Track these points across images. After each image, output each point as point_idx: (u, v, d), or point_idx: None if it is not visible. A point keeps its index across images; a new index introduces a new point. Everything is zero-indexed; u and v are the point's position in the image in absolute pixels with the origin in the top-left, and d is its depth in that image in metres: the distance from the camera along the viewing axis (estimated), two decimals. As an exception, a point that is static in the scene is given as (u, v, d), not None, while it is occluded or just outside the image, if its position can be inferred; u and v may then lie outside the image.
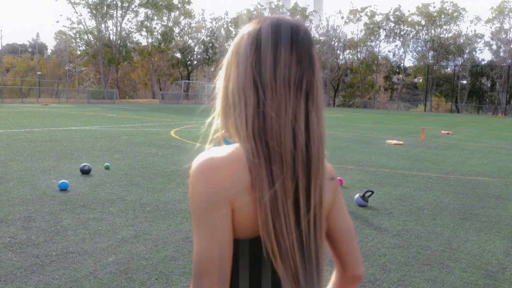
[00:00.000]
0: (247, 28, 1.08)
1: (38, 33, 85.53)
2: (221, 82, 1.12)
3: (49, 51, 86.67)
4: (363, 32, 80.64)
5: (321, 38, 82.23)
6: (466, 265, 4.44)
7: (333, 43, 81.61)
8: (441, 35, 75.83)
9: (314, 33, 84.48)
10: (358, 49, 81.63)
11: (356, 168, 10.13)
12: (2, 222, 5.12)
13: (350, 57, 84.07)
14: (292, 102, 1.01)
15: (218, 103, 1.13)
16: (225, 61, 1.12)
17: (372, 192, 6.76)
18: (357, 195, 6.71)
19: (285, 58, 1.01)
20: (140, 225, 5.27)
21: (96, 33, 64.49)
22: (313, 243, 1.05)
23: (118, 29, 66.05)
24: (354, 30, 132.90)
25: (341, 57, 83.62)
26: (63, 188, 6.79)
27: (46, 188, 6.86)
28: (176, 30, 75.88)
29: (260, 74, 1.02)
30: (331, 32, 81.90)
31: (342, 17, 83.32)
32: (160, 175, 8.34)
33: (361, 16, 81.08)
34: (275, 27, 1.04)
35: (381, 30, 79.48)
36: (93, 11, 63.18)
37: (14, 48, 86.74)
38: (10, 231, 4.83)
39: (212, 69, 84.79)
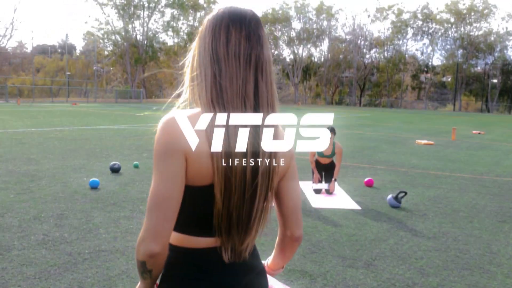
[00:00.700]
0: (209, 16, 1.31)
1: (67, 34, 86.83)
2: (189, 61, 1.32)
3: (77, 51, 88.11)
4: (390, 30, 79.60)
5: (347, 36, 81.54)
6: (508, 270, 4.26)
7: (359, 41, 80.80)
8: (471, 33, 74.25)
9: (340, 32, 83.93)
10: (385, 48, 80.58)
11: (387, 168, 9.93)
12: (35, 220, 5.15)
13: (377, 55, 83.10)
14: (242, 73, 1.22)
15: (186, 78, 1.32)
16: (193, 44, 1.33)
17: (405, 193, 6.60)
18: (389, 196, 6.55)
19: (236, 36, 1.23)
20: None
21: (123, 33, 65.30)
22: (259, 198, 1.26)
23: (145, 29, 66.76)
24: (380, 28, 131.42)
25: (367, 56, 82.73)
26: (94, 186, 6.82)
27: (77, 186, 6.90)
28: (202, 30, 76.23)
29: (216, 50, 1.23)
30: (357, 30, 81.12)
31: (369, 15, 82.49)
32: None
33: (388, 14, 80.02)
34: (228, 13, 1.26)
35: (409, 28, 78.30)
36: (121, 11, 64.00)
37: (44, 49, 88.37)
38: (43, 229, 4.85)
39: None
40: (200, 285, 1.29)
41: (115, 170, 8.02)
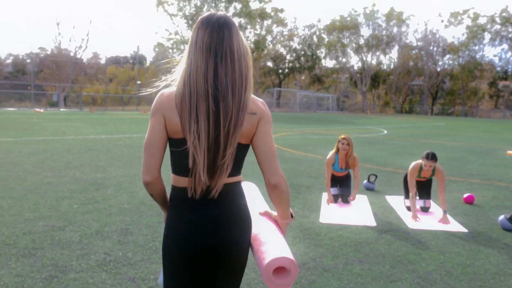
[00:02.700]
0: None
1: (138, 46, 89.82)
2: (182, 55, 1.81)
3: (148, 62, 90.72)
4: (465, 35, 75.91)
5: (418, 43, 78.62)
6: None
7: (431, 48, 77.64)
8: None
9: (411, 38, 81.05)
10: (459, 54, 76.88)
11: (483, 182, 8.78)
12: (98, 234, 4.63)
13: (450, 62, 79.46)
14: (204, 61, 1.67)
15: (178, 66, 1.80)
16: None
17: (521, 213, 5.55)
18: (502, 217, 5.53)
19: (201, 34, 1.70)
20: (247, 245, 4.55)
21: (192, 43, 66.17)
22: (222, 149, 1.68)
23: (213, 38, 67.43)
24: (455, 34, 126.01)
25: (439, 63, 79.32)
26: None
27: (143, 197, 6.39)
28: (269, 38, 76.21)
29: (190, 47, 1.73)
30: (430, 36, 78.01)
31: (442, 20, 79.11)
32: (261, 186, 7.64)
33: (462, 19, 76.45)
34: (201, 18, 1.74)
35: (486, 33, 74.30)
36: (189, 21, 65.01)
37: (117, 60, 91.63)
38: (105, 246, 4.30)
39: (303, 77, 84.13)
40: (176, 213, 1.77)
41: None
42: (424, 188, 6.38)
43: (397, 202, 6.77)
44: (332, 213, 6.04)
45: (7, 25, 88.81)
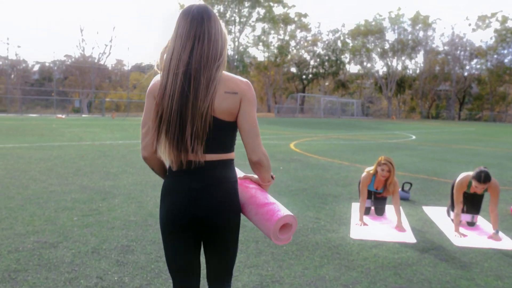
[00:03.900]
0: None
1: (162, 53, 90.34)
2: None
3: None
4: (493, 39, 73.84)
5: (445, 47, 76.87)
6: None
7: (458, 52, 75.80)
8: None
9: (437, 42, 79.38)
10: (487, 58, 74.83)
11: (530, 191, 7.93)
12: (94, 253, 4.00)
13: (478, 66, 77.39)
14: (182, 45, 1.82)
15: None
16: None
17: None
18: None
19: (181, 22, 1.86)
20: (266, 267, 3.86)
21: (215, 48, 65.88)
22: (197, 127, 1.81)
23: (236, 44, 67.05)
24: (482, 38, 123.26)
25: (467, 67, 77.34)
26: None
27: (152, 207, 5.76)
28: (292, 43, 75.46)
29: (173, 35, 1.88)
30: (456, 40, 76.18)
31: (469, 24, 77.23)
32: (285, 194, 6.95)
33: (490, 22, 74.41)
34: (184, 9, 1.89)
35: (515, 36, 72.09)
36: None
37: (142, 68, 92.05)
38: (100, 268, 3.67)
39: (327, 83, 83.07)
40: (166, 183, 1.97)
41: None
42: (474, 202, 5.56)
43: (437, 214, 6.01)
44: (364, 227, 5.30)
45: (31, 31, 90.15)
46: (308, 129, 27.68)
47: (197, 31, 1.81)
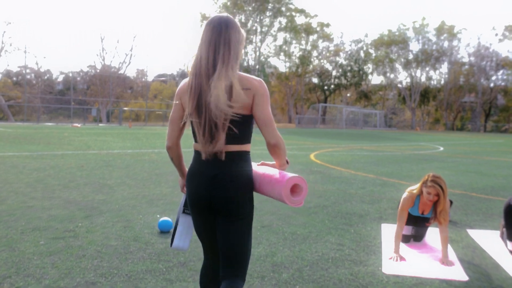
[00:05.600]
0: None
1: (185, 64, 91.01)
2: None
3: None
4: (522, 49, 71.57)
5: (471, 58, 74.84)
6: None
7: (484, 62, 73.69)
8: None
9: (462, 53, 77.33)
10: (515, 69, 72.48)
11: None
12: (46, 293, 3.03)
13: (504, 77, 75.08)
14: (206, 51, 2.09)
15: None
16: None
17: None
18: None
19: (206, 31, 2.12)
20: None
21: (235, 58, 65.25)
22: (218, 124, 2.07)
23: (257, 54, 66.27)
24: (509, 48, 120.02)
25: (493, 78, 75.12)
26: (164, 230, 4.67)
27: (141, 228, 4.78)
28: (314, 53, 74.38)
29: (200, 41, 2.15)
30: (482, 51, 74.13)
31: (496, 34, 75.06)
32: (302, 212, 5.91)
33: (518, 32, 72.21)
34: (208, 20, 2.17)
35: (545, 46, 69.78)
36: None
37: (163, 77, 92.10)
38: (45, 317, 2.69)
39: (349, 94, 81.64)
40: (191, 170, 2.25)
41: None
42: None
43: (486, 240, 4.91)
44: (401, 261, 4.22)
45: (54, 40, 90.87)
46: (330, 140, 26.55)
47: (216, 40, 2.09)
